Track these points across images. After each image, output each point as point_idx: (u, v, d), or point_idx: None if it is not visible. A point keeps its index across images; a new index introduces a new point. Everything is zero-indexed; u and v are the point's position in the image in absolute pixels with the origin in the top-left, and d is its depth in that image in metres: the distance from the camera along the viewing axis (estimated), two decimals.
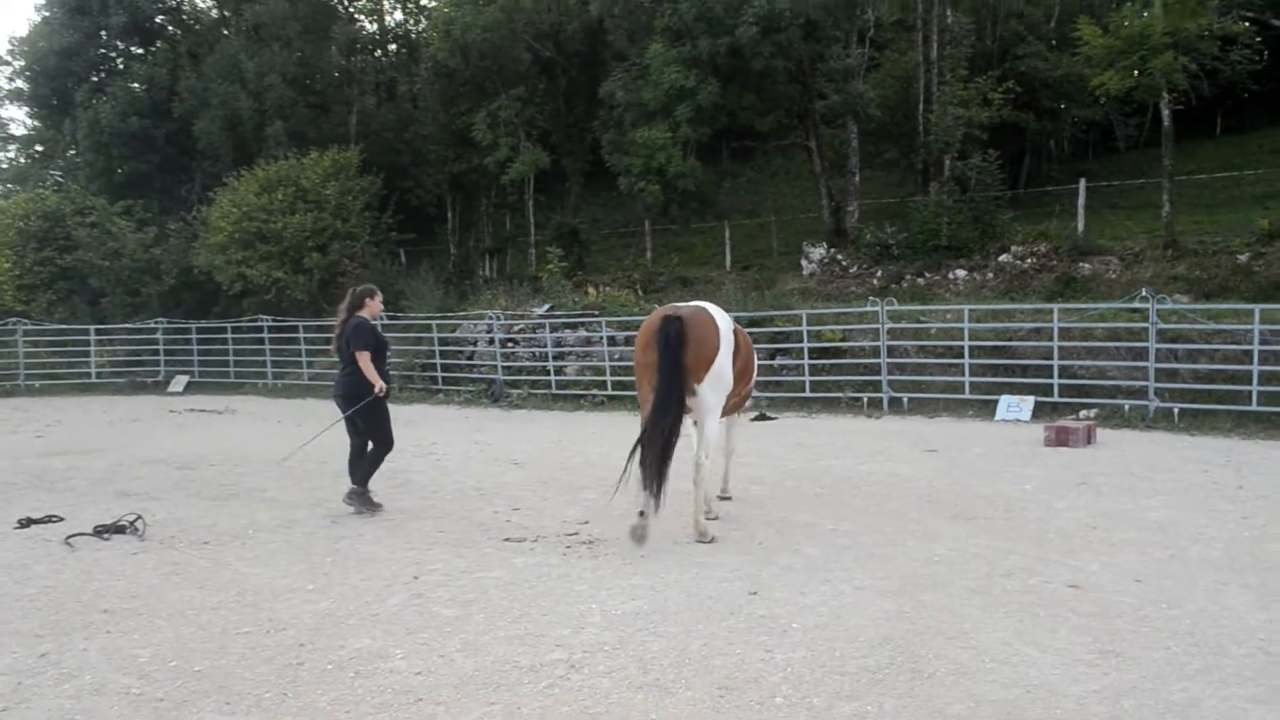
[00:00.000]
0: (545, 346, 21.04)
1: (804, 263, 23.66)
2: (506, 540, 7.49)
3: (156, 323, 28.02)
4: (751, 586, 6.08)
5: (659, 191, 23.67)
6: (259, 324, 26.21)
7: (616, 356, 19.80)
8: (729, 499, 8.93)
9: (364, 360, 8.61)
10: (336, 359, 9.05)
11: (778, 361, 18.40)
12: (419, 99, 32.80)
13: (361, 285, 9.28)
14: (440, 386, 22.15)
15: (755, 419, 15.93)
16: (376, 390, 8.62)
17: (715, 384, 7.38)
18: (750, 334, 10.76)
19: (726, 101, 23.23)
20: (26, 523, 8.41)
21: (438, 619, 5.55)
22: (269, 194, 26.89)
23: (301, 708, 4.39)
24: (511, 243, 32.70)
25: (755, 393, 17.68)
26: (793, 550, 7.01)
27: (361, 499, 8.72)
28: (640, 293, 22.96)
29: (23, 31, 40.75)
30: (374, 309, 8.98)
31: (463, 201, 33.03)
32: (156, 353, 27.77)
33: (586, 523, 8.09)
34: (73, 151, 38.08)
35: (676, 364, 7.08)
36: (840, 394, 17.29)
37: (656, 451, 7.01)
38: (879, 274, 21.94)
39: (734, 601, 5.78)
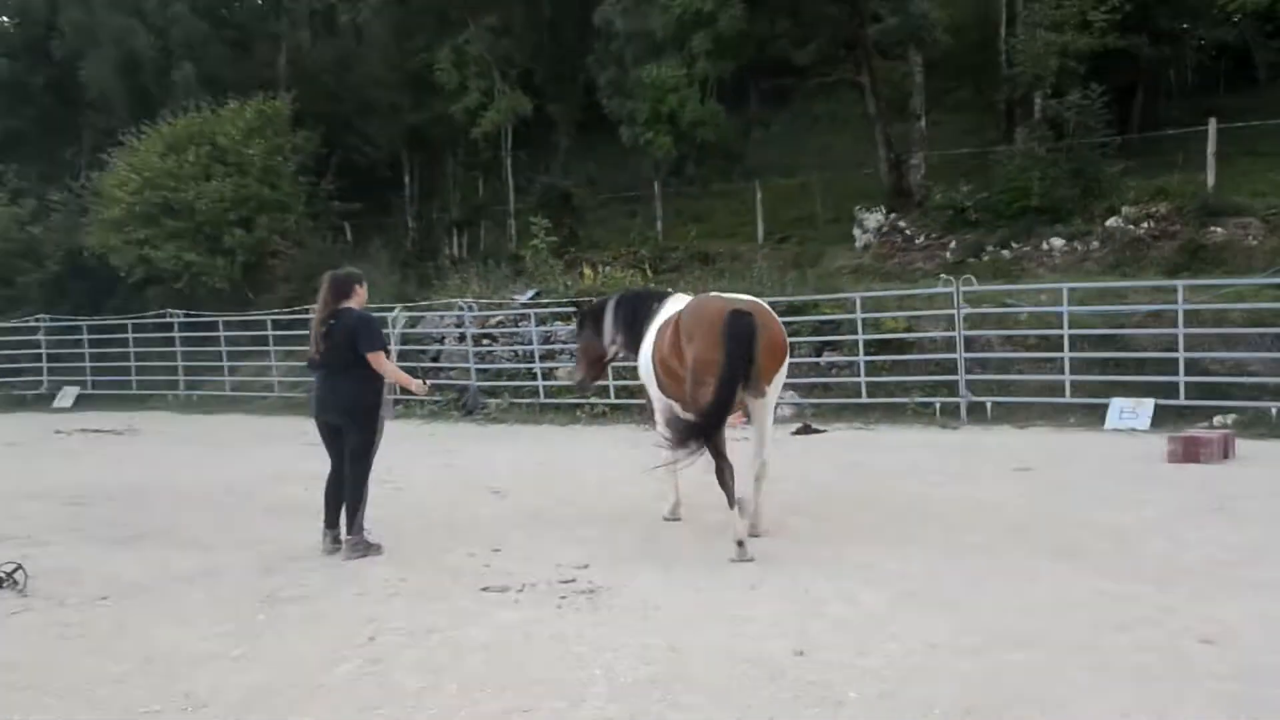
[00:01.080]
0: (530, 343, 21.07)
1: (857, 233, 23.67)
2: (485, 590, 7.50)
3: (37, 320, 28.11)
4: (797, 645, 6.07)
5: (671, 144, 23.72)
6: (167, 320, 26.27)
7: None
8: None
9: (385, 362, 8.83)
10: (313, 364, 9.00)
11: (825, 359, 18.42)
12: (364, 32, 32.89)
13: (343, 269, 9.51)
14: (398, 396, 22.07)
15: (798, 432, 15.94)
16: (417, 390, 9.21)
17: (779, 385, 8.80)
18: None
19: (755, 28, 23.25)
20: None
21: (400, 691, 5.56)
22: (177, 155, 27.00)
23: None
24: (485, 213, 32.77)
25: (797, 399, 17.79)
26: (847, 598, 7.01)
27: (365, 545, 8.74)
28: (649, 273, 22.96)
29: None
30: (362, 298, 9.12)
31: (423, 162, 33.12)
32: (38, 358, 27.88)
33: (586, 566, 8.09)
34: None
35: (748, 363, 8.03)
36: (906, 399, 17.29)
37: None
38: (952, 246, 21.93)
39: (775, 664, 5.77)
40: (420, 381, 9.08)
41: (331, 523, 8.86)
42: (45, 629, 6.90)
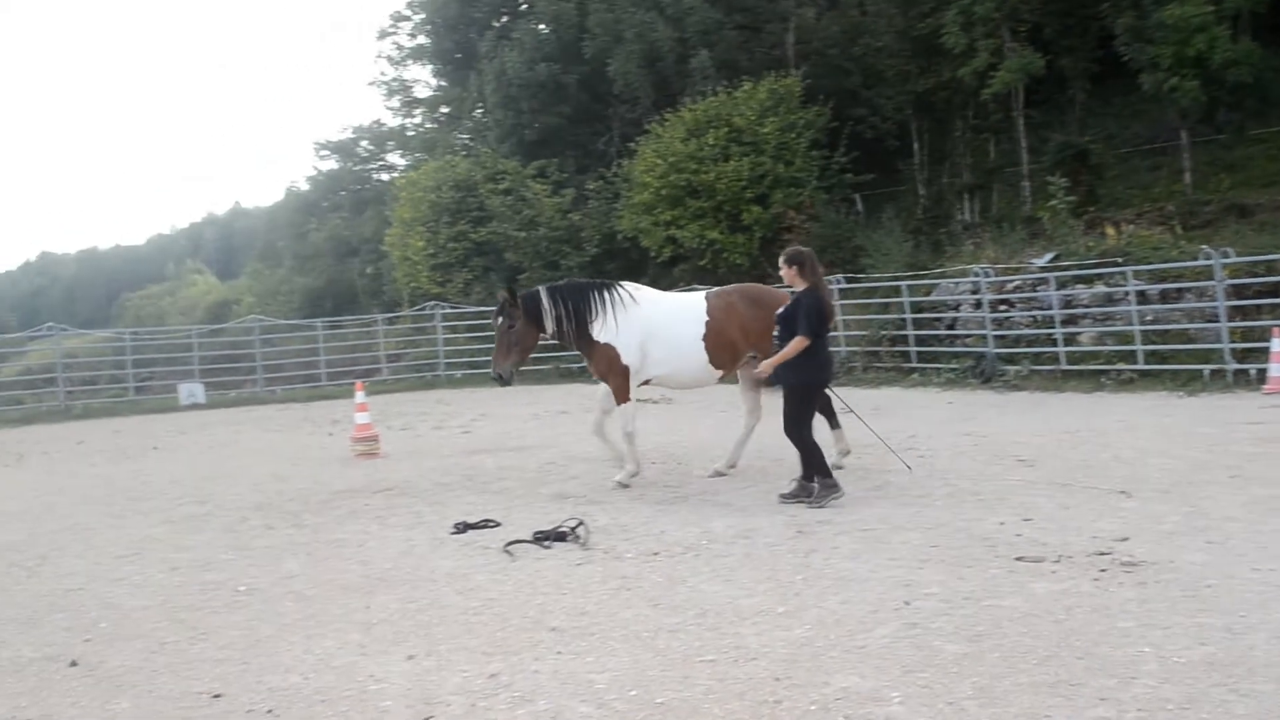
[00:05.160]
0: (1050, 308, 20.31)
1: None
2: (1019, 560, 7.35)
3: None
4: None
5: (1198, 89, 22.02)
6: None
7: (1149, 318, 18.68)
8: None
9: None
10: (820, 334, 9.66)
11: None
12: (868, 3, 32.88)
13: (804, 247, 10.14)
14: (914, 364, 22.15)
15: None
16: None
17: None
18: None
19: None
20: (463, 528, 9.54)
21: (940, 656, 5.57)
22: (697, 138, 28.28)
23: None
24: (997, 176, 31.86)
25: None
26: None
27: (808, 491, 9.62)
28: (1179, 229, 21.49)
29: None
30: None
31: (931, 128, 32.71)
32: None
33: (1125, 539, 7.72)
34: (480, 110, 42.47)
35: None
36: None
37: None
38: None
39: None
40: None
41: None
42: (606, 580, 7.51)
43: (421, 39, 48.00)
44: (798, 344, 9.41)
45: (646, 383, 11.71)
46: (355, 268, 50.67)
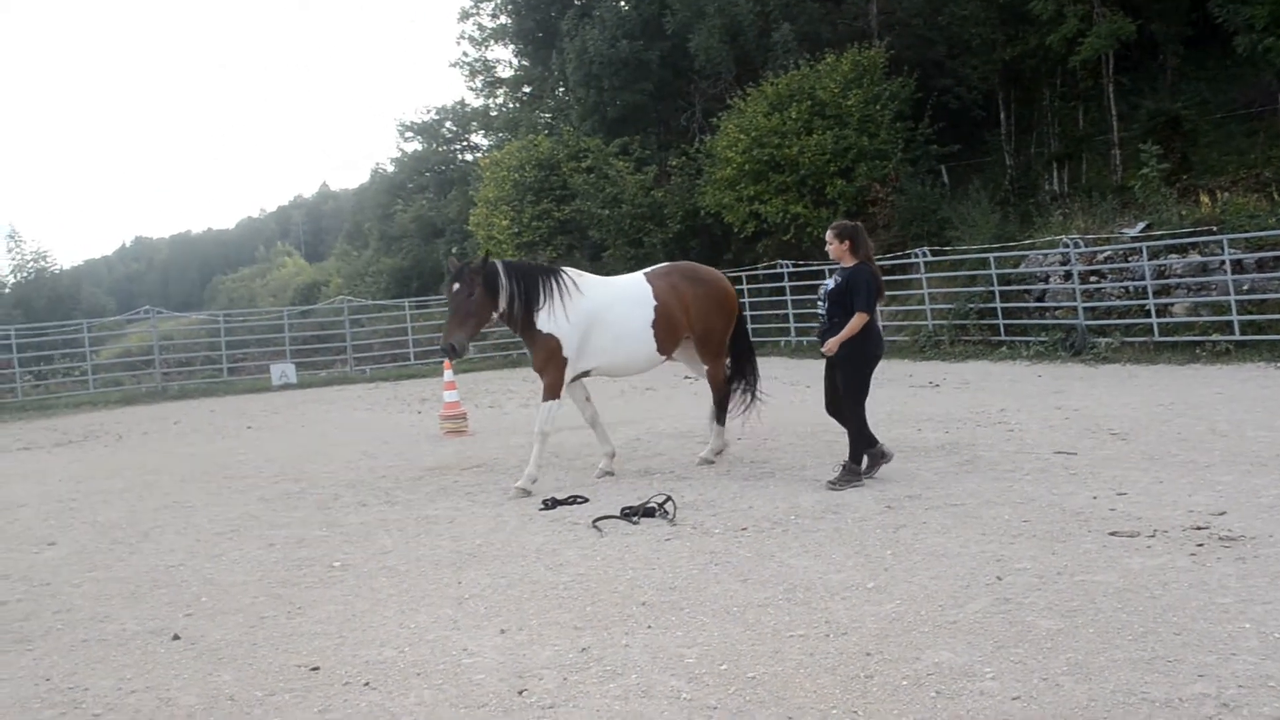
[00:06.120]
0: (1142, 279, 19.93)
1: None
2: (1113, 534, 7.24)
3: None
4: None
5: None
6: (777, 270, 27.53)
7: (1245, 288, 18.26)
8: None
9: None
10: (872, 309, 9.68)
11: None
12: None
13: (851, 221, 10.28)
14: (1003, 337, 21.89)
15: None
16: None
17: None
18: None
19: None
20: (552, 504, 9.64)
21: (1034, 631, 5.51)
22: (780, 113, 28.12)
23: None
24: (1086, 144, 31.26)
25: None
26: None
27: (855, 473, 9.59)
28: (1277, 196, 20.96)
29: None
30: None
31: (1018, 97, 32.18)
32: None
33: (1223, 514, 7.57)
34: (561, 89, 42.64)
35: None
36: None
37: None
38: None
39: None
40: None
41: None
42: (695, 555, 7.52)
43: (503, 19, 48.23)
44: (859, 320, 9.36)
45: (586, 374, 11.02)
46: (441, 248, 51.15)
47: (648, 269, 11.68)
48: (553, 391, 10.59)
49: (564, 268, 11.08)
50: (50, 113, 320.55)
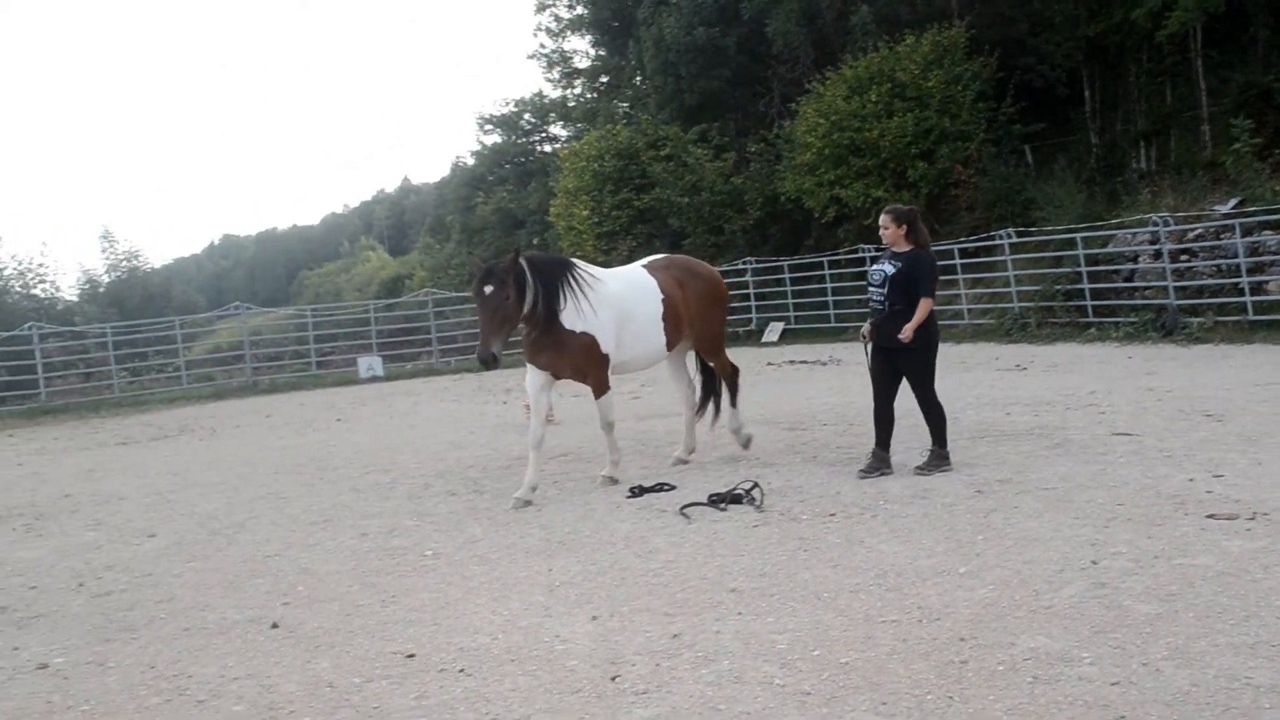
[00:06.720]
0: (1236, 257, 19.50)
1: None
2: (1210, 517, 7.12)
3: (745, 263, 30.40)
4: None
5: None
6: (860, 255, 27.32)
7: None
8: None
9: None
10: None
11: None
12: None
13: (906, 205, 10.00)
14: (1091, 319, 21.56)
15: None
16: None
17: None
18: None
19: None
20: (639, 491, 9.68)
21: (1132, 616, 5.44)
22: (860, 96, 27.89)
23: (972, 715, 4.54)
24: (1175, 120, 30.53)
25: None
26: None
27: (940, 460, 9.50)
28: None
29: None
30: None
31: (1103, 74, 31.52)
32: (747, 297, 30.15)
33: None
34: (639, 78, 42.66)
35: None
36: None
37: None
38: None
39: None
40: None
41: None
42: (784, 542, 7.52)
43: (579, 9, 48.36)
44: (927, 305, 9.22)
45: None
46: (522, 239, 51.42)
47: (643, 260, 11.38)
48: (601, 388, 10.26)
49: (572, 259, 10.51)
50: (141, 116, 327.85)
